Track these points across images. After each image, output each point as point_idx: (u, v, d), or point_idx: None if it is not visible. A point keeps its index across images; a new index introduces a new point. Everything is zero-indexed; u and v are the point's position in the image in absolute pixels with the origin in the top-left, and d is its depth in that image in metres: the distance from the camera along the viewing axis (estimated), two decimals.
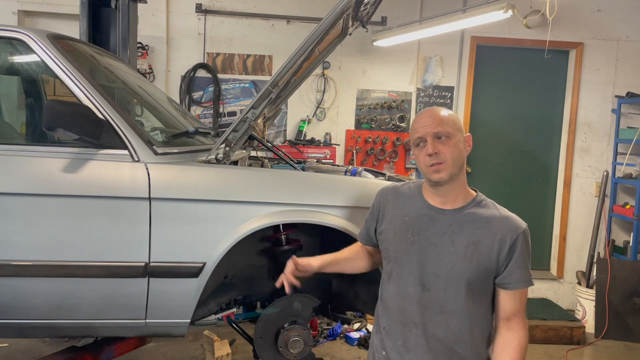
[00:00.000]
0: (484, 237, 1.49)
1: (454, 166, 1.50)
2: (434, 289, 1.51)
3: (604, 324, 3.99)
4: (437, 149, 1.49)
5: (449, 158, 1.49)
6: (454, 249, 1.50)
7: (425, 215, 1.56)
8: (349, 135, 4.50)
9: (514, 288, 1.50)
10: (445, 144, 1.50)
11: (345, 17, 2.50)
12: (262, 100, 1.99)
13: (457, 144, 1.51)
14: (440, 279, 1.50)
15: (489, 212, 1.53)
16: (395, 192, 1.68)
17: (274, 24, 4.41)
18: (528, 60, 4.64)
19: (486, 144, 4.70)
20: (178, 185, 1.85)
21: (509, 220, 1.51)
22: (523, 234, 1.50)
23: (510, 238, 1.48)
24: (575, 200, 4.66)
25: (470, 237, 1.49)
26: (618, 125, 4.50)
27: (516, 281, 1.50)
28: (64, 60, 1.91)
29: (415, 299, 1.53)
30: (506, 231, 1.48)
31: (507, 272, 1.49)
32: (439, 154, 1.49)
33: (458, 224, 1.52)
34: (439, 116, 1.53)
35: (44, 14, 4.23)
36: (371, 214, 1.71)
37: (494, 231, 1.49)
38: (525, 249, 1.50)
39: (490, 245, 1.48)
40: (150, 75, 4.26)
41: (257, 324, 2.07)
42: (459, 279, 1.48)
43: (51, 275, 1.82)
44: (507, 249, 1.48)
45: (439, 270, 1.50)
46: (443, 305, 1.51)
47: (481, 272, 1.48)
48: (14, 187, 1.79)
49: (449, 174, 1.50)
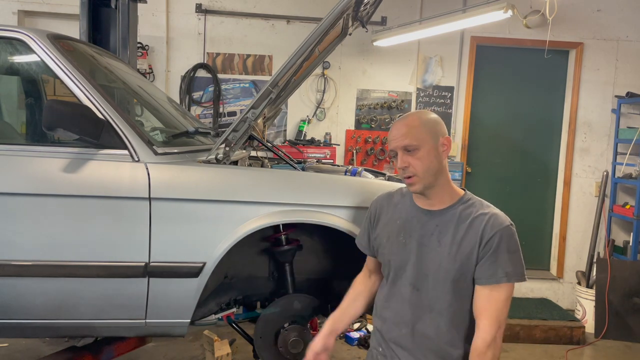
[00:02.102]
0: (467, 235, 1.50)
1: (425, 177, 1.52)
2: (423, 288, 1.55)
3: (603, 324, 3.99)
4: (407, 162, 1.52)
5: (419, 170, 1.51)
6: (441, 248, 1.53)
7: (415, 217, 1.60)
8: (349, 135, 4.50)
9: (482, 284, 1.48)
10: (414, 156, 1.51)
11: (345, 17, 2.50)
12: (262, 100, 1.99)
13: (428, 153, 1.51)
14: (429, 278, 1.54)
15: (474, 211, 1.53)
16: (388, 197, 1.73)
17: (274, 24, 4.41)
18: (528, 60, 4.63)
19: (486, 144, 4.70)
20: (178, 185, 1.84)
21: (491, 218, 1.50)
22: (504, 230, 1.47)
23: (488, 234, 1.47)
24: (575, 200, 4.66)
25: (455, 236, 1.51)
26: (618, 125, 4.50)
27: (486, 277, 1.47)
28: (64, 60, 1.91)
29: (407, 299, 1.58)
30: (486, 228, 1.48)
31: (479, 266, 1.49)
32: (409, 168, 1.52)
33: (444, 224, 1.55)
34: (406, 128, 1.53)
35: (44, 14, 4.23)
36: (368, 222, 1.74)
37: (476, 229, 1.49)
38: (504, 245, 1.47)
39: (472, 243, 1.49)
40: (150, 75, 4.26)
41: (257, 324, 2.07)
42: (445, 277, 1.52)
43: (51, 275, 1.81)
44: (484, 244, 1.47)
45: (428, 270, 1.54)
46: (432, 304, 1.55)
47: (464, 270, 1.50)
48: (14, 187, 1.79)
49: (422, 186, 1.53)
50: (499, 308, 1.47)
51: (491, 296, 1.48)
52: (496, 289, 1.47)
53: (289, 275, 2.16)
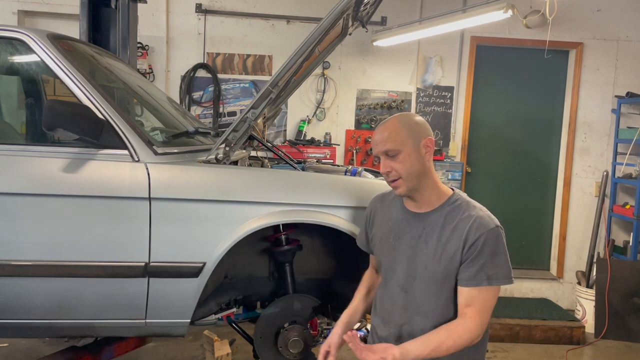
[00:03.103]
0: (451, 237, 1.50)
1: (408, 180, 1.53)
2: (411, 290, 1.57)
3: (603, 324, 3.99)
4: (389, 167, 1.53)
5: (402, 173, 1.52)
6: (427, 250, 1.54)
7: (404, 219, 1.62)
8: (349, 135, 4.50)
9: (469, 285, 1.47)
10: (396, 160, 1.52)
11: (345, 17, 2.50)
12: (262, 100, 1.99)
13: (409, 156, 1.52)
14: (417, 280, 1.55)
15: (460, 212, 1.53)
16: (382, 199, 1.75)
17: (274, 24, 4.41)
18: (528, 60, 4.63)
19: (486, 144, 4.70)
20: (178, 185, 1.85)
21: (477, 220, 1.49)
22: (488, 233, 1.47)
23: (473, 237, 1.47)
24: (575, 200, 4.66)
25: (440, 238, 1.52)
26: (618, 125, 4.50)
27: (467, 279, 1.47)
28: (64, 60, 1.91)
29: (398, 300, 1.60)
30: (471, 230, 1.47)
31: (462, 268, 1.48)
32: (392, 172, 1.53)
33: (430, 226, 1.55)
34: (387, 132, 1.54)
35: (44, 14, 4.23)
36: (365, 222, 1.77)
37: (460, 231, 1.49)
38: (487, 248, 1.46)
39: (457, 244, 1.49)
40: (150, 75, 4.26)
41: (257, 324, 2.07)
42: (431, 279, 1.53)
43: (51, 275, 1.82)
44: (468, 247, 1.47)
45: (416, 272, 1.55)
46: (420, 306, 1.55)
47: (449, 272, 1.50)
48: (14, 187, 1.79)
49: (407, 189, 1.54)
50: (481, 309, 1.47)
51: (472, 297, 1.47)
52: (478, 291, 1.47)
53: (289, 275, 2.16)
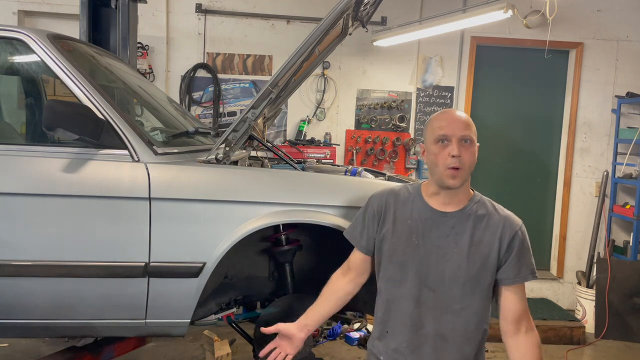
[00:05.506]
0: (485, 236, 1.54)
1: (467, 173, 1.54)
2: (439, 290, 1.55)
3: (604, 324, 3.99)
4: (461, 153, 1.50)
5: (467, 164, 1.52)
6: (458, 249, 1.54)
7: (429, 218, 1.58)
8: (349, 135, 4.50)
9: (517, 282, 1.55)
10: (467, 150, 1.52)
11: (345, 17, 2.50)
12: (262, 100, 1.99)
13: (475, 151, 1.55)
14: (446, 279, 1.54)
15: (488, 211, 1.58)
16: (394, 195, 1.65)
17: (274, 24, 4.41)
18: (528, 60, 4.63)
19: (486, 143, 4.64)
20: (178, 185, 1.84)
21: (507, 219, 1.57)
22: (520, 230, 1.56)
23: (509, 235, 1.54)
24: (575, 200, 4.66)
25: (472, 237, 1.54)
26: (618, 125, 4.50)
27: (514, 275, 1.55)
28: (64, 60, 1.91)
29: (420, 300, 1.56)
30: (505, 229, 1.54)
31: (507, 266, 1.54)
32: (461, 158, 1.50)
33: (460, 225, 1.55)
34: (467, 120, 1.55)
35: (44, 14, 4.23)
36: (372, 219, 1.65)
37: (493, 229, 1.54)
38: (524, 243, 1.56)
39: (491, 243, 1.53)
40: (150, 75, 4.26)
41: (257, 324, 2.07)
42: (465, 278, 1.53)
43: (51, 275, 1.81)
44: (506, 245, 1.54)
45: (444, 271, 1.54)
46: (449, 305, 1.55)
47: (484, 270, 1.53)
48: (14, 187, 1.79)
49: (462, 181, 1.53)
50: (526, 305, 1.58)
51: (520, 294, 1.56)
52: (522, 287, 1.57)
53: (289, 275, 2.16)
